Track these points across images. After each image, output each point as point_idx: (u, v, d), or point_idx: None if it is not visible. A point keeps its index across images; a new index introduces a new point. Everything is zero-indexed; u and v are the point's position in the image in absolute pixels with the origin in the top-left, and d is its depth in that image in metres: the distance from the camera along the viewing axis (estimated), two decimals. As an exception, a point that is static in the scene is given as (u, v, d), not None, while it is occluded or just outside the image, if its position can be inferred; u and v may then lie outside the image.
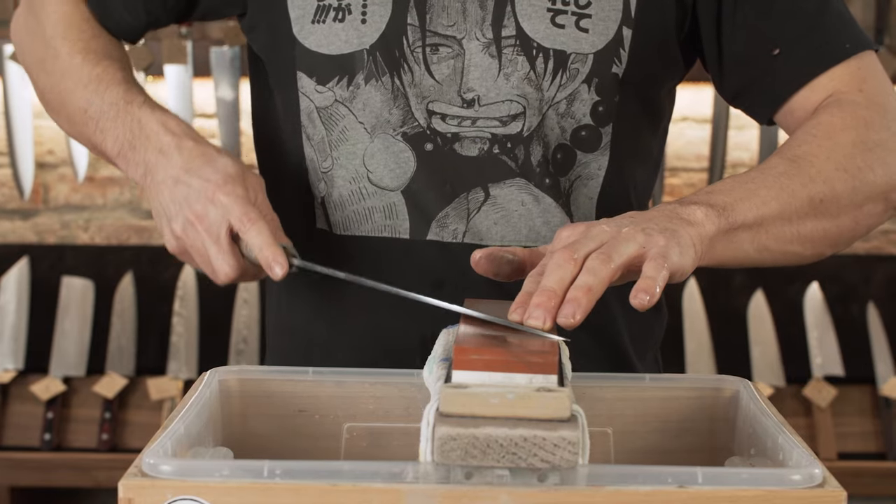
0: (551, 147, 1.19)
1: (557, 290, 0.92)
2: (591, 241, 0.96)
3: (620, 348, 1.26)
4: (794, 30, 1.18)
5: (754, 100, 1.22)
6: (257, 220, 1.10)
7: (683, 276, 0.99)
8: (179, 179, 1.13)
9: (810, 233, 1.11)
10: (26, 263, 2.92)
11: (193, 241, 1.12)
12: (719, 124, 2.94)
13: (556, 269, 0.94)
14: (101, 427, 2.75)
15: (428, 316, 1.18)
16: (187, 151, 1.14)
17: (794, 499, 0.80)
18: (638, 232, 0.97)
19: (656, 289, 0.92)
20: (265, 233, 1.10)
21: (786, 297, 2.92)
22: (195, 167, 1.13)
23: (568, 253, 0.94)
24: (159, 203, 1.14)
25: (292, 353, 1.28)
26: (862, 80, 1.18)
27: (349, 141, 1.20)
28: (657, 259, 0.94)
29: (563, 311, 0.91)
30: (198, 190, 1.11)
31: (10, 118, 2.89)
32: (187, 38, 2.86)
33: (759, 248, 1.08)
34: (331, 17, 1.19)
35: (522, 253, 1.02)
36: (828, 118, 1.15)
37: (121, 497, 0.81)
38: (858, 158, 1.12)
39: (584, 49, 1.18)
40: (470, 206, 1.19)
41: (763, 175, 1.09)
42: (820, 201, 1.10)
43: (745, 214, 1.05)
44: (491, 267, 1.02)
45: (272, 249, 1.09)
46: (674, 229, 0.99)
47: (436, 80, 1.18)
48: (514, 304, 0.94)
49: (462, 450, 0.79)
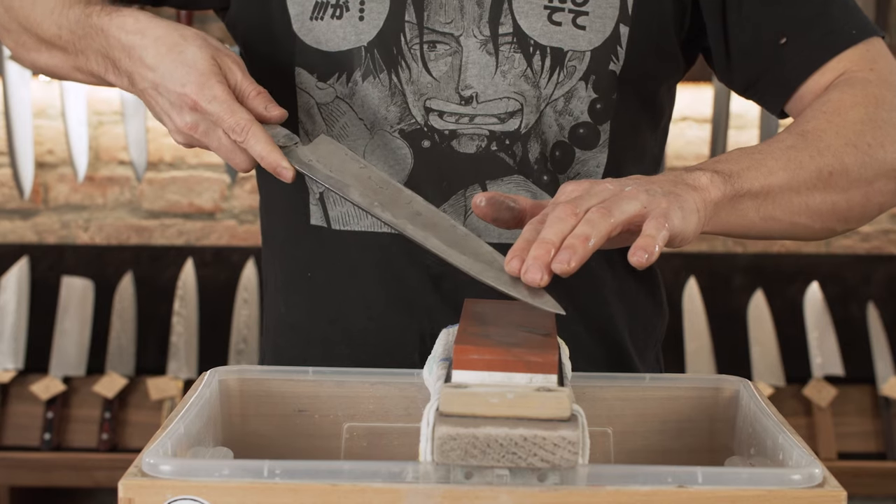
0: (549, 144, 1.20)
1: (556, 241, 0.92)
2: (594, 196, 0.96)
3: (621, 347, 1.26)
4: (800, 18, 1.19)
5: (766, 90, 1.22)
6: (249, 126, 1.08)
7: (684, 241, 0.98)
8: (157, 86, 1.11)
9: (819, 205, 1.11)
10: (26, 263, 2.92)
11: (199, 143, 1.11)
12: (719, 124, 2.94)
13: (556, 222, 0.93)
14: (101, 427, 2.75)
15: (426, 314, 1.18)
16: (153, 51, 1.11)
17: (794, 499, 0.80)
18: (641, 192, 0.96)
19: (655, 247, 0.92)
20: (262, 139, 1.08)
21: (786, 297, 2.92)
22: (167, 71, 1.10)
23: (570, 207, 0.94)
24: (154, 109, 1.13)
25: (290, 352, 1.28)
26: (872, 61, 1.18)
27: (350, 137, 1.20)
28: (658, 218, 0.94)
29: (559, 258, 0.91)
30: (178, 100, 1.10)
31: (10, 118, 2.89)
32: (187, 38, 2.85)
33: (765, 216, 1.08)
34: (328, 13, 1.19)
35: (525, 202, 1.01)
36: (838, 95, 1.15)
37: (121, 497, 0.81)
38: (868, 135, 1.12)
39: (582, 46, 1.18)
40: (467, 204, 1.19)
41: (771, 147, 1.09)
42: (829, 174, 1.10)
43: (751, 182, 1.05)
44: (491, 211, 1.01)
45: (273, 156, 1.08)
46: (678, 193, 0.98)
47: (433, 77, 1.18)
48: (511, 252, 0.93)
49: (462, 450, 0.79)
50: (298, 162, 1.10)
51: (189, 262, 2.92)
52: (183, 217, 3.08)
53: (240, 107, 1.09)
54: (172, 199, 3.07)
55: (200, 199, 3.07)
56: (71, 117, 2.90)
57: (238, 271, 2.93)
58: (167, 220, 3.07)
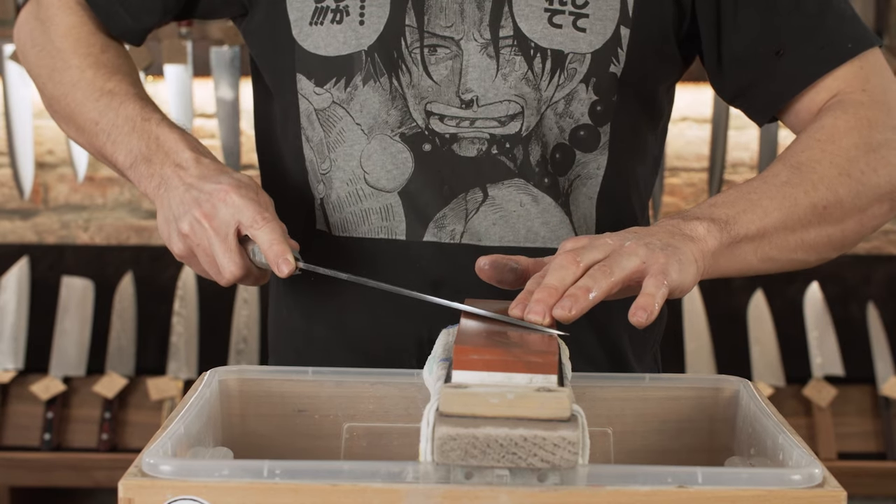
0: (550, 147, 1.20)
1: (559, 287, 0.95)
2: (595, 250, 0.98)
3: (620, 348, 1.26)
4: (796, 30, 1.18)
5: (754, 100, 1.22)
6: (271, 220, 1.11)
7: (683, 292, 1.01)
8: (192, 185, 1.14)
9: (814, 240, 1.12)
10: (26, 263, 2.92)
11: (200, 239, 1.12)
12: (719, 124, 2.93)
13: (558, 269, 0.96)
14: (101, 427, 2.75)
15: (425, 317, 1.18)
16: (204, 165, 1.16)
17: (793, 499, 0.80)
18: (640, 246, 0.98)
19: (654, 306, 0.95)
20: (277, 232, 1.11)
21: (786, 296, 2.92)
22: (210, 175, 1.14)
23: (571, 256, 0.97)
24: (168, 208, 1.15)
25: (291, 353, 1.28)
26: (865, 80, 1.18)
27: (346, 143, 1.21)
28: (657, 276, 0.96)
29: (561, 304, 0.93)
30: (209, 192, 1.12)
31: (10, 118, 2.89)
32: (187, 38, 2.86)
33: (762, 258, 1.10)
34: (329, 18, 1.19)
35: (526, 262, 1.04)
36: (831, 121, 1.15)
37: (121, 497, 0.81)
38: (862, 161, 1.13)
39: (582, 49, 1.18)
40: (468, 207, 1.19)
41: (766, 184, 1.10)
42: (823, 208, 1.11)
43: (747, 227, 1.07)
44: (495, 274, 1.04)
45: (282, 247, 1.10)
46: (676, 246, 1.00)
47: (434, 80, 1.18)
48: (515, 302, 0.96)
49: (462, 450, 0.79)
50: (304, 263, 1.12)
51: (189, 263, 2.92)
52: (183, 217, 3.07)
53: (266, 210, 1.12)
54: (172, 199, 3.06)
55: (200, 200, 3.06)
56: (71, 117, 2.89)
57: (238, 271, 2.92)
58: (167, 221, 3.07)
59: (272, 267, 1.10)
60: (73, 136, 1.30)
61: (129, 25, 1.30)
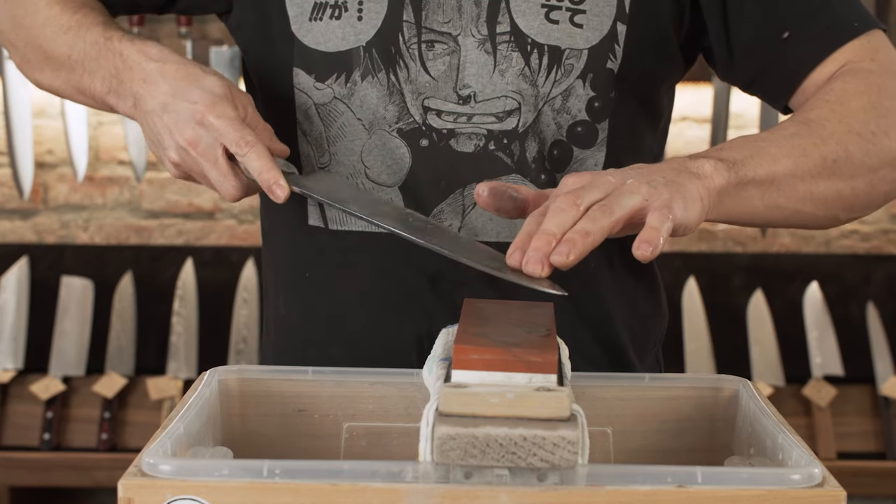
0: (547, 143, 1.20)
1: (557, 233, 0.93)
2: (596, 189, 0.96)
3: (620, 348, 1.26)
4: (801, 13, 1.19)
5: (770, 86, 1.23)
6: (254, 142, 1.10)
7: (688, 230, 0.99)
8: (167, 105, 1.12)
9: (823, 193, 1.11)
10: (26, 263, 2.92)
11: (191, 166, 1.12)
12: (719, 124, 2.93)
13: (557, 213, 0.94)
14: (101, 427, 2.75)
15: (423, 312, 1.18)
16: (171, 75, 1.14)
17: (793, 498, 0.80)
18: (642, 184, 0.97)
19: (660, 239, 0.92)
20: (264, 156, 1.10)
21: (785, 296, 2.92)
22: (181, 90, 1.12)
23: (571, 198, 0.95)
24: (152, 132, 1.14)
25: (288, 351, 1.28)
26: (874, 51, 1.18)
27: (347, 137, 1.21)
28: (661, 210, 0.95)
29: (558, 250, 0.92)
30: (186, 114, 1.11)
31: (9, 118, 2.89)
32: (187, 38, 2.86)
33: (769, 204, 1.08)
34: (327, 14, 1.19)
35: (527, 192, 1.02)
36: (841, 84, 1.15)
37: (120, 497, 0.81)
38: (872, 123, 1.13)
39: (579, 45, 1.18)
40: (465, 203, 1.19)
41: (774, 135, 1.10)
42: (833, 161, 1.10)
43: (755, 170, 1.06)
44: (493, 201, 1.02)
45: (272, 173, 1.10)
46: (680, 182, 0.99)
47: (431, 76, 1.18)
48: (513, 246, 0.95)
49: (461, 449, 0.79)
50: (296, 184, 1.12)
51: (189, 262, 2.92)
52: (183, 217, 3.08)
53: (247, 126, 1.11)
54: (172, 199, 3.07)
55: (200, 199, 3.07)
56: (70, 117, 2.90)
57: (238, 271, 2.93)
58: (167, 220, 3.07)
59: (267, 194, 1.10)
60: (51, 79, 1.26)
61: None
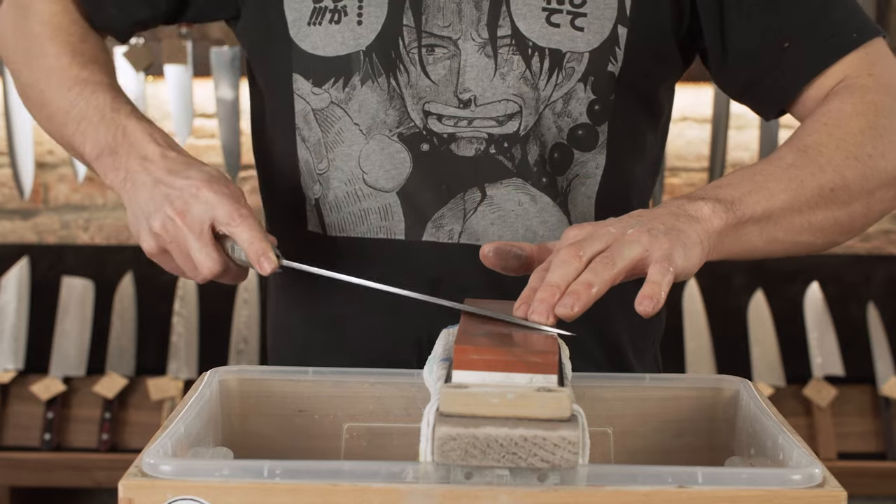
0: (548, 146, 1.20)
1: (561, 284, 0.94)
2: (597, 241, 0.98)
3: (620, 348, 1.26)
4: (800, 22, 1.18)
5: (763, 95, 1.22)
6: (248, 216, 1.10)
7: (689, 275, 1.00)
8: (161, 180, 1.12)
9: (821, 222, 1.11)
10: (26, 263, 2.92)
11: (174, 235, 1.11)
12: (719, 124, 2.93)
13: (560, 266, 0.95)
14: (101, 427, 2.75)
15: (423, 317, 1.18)
16: (172, 159, 1.14)
17: (794, 499, 0.80)
18: (643, 233, 0.98)
19: (661, 294, 0.94)
20: (256, 228, 1.10)
21: (786, 296, 2.92)
22: (178, 169, 1.13)
23: (574, 250, 0.96)
24: (137, 204, 1.13)
25: (290, 354, 1.28)
26: (871, 65, 1.18)
27: (345, 143, 1.20)
28: (662, 262, 0.96)
29: (563, 302, 0.93)
30: (180, 188, 1.11)
31: (10, 118, 2.89)
32: (187, 38, 2.86)
33: (768, 240, 1.09)
34: (327, 18, 1.19)
35: (530, 248, 1.04)
36: (837, 105, 1.15)
37: (121, 497, 0.81)
38: (869, 145, 1.13)
39: (580, 48, 1.18)
40: (466, 207, 1.19)
41: (772, 166, 1.10)
42: (830, 190, 1.10)
43: (753, 207, 1.06)
44: (499, 261, 1.03)
45: (263, 245, 1.09)
46: (679, 228, 0.99)
47: (432, 80, 1.18)
48: (520, 300, 0.96)
49: (462, 450, 0.79)
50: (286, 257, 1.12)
51: (189, 262, 2.92)
52: (183, 217, 3.07)
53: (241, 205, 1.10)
54: (172, 199, 3.06)
55: (200, 200, 3.06)
56: (71, 117, 2.89)
57: (238, 271, 2.92)
58: (167, 221, 3.07)
59: (254, 265, 1.10)
60: (44, 124, 1.28)
61: (114, 16, 1.29)
